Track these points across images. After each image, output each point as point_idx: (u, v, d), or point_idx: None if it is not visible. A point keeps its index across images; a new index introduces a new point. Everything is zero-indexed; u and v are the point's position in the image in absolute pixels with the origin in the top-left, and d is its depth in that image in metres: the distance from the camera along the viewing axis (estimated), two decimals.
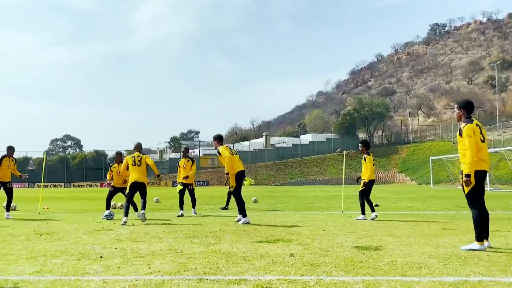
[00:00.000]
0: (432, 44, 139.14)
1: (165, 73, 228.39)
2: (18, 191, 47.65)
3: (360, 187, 10.80)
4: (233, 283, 4.20)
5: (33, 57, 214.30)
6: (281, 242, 6.74)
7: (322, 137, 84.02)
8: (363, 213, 10.49)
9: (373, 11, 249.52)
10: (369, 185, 10.67)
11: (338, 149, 77.04)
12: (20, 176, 12.68)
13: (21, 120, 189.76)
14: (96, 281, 4.31)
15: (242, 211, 9.85)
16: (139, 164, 10.24)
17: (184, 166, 12.71)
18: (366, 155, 10.91)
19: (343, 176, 15.07)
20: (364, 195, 10.66)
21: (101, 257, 5.57)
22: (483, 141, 6.18)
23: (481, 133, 6.17)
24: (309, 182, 69.62)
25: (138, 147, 10.74)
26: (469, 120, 6.20)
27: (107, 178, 12.35)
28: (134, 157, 10.35)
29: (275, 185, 67.65)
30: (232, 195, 10.04)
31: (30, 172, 79.89)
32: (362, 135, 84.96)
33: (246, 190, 39.09)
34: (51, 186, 66.67)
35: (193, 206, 12.60)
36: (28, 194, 34.30)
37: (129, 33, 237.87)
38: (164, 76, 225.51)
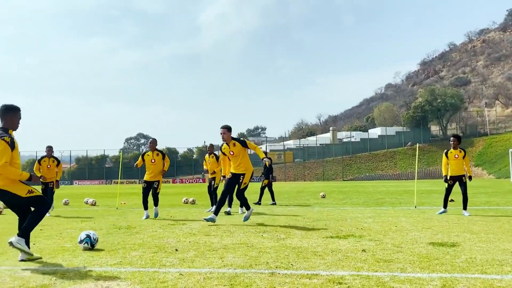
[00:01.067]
0: (509, 30, 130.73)
1: (231, 70, 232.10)
2: (97, 187, 50.40)
3: (467, 182, 10.49)
4: (305, 277, 4.21)
5: (107, 60, 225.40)
6: (352, 238, 6.66)
7: (391, 130, 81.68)
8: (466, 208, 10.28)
9: None
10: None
11: (409, 143, 74.62)
12: (57, 181, 11.92)
13: (98, 120, 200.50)
14: (173, 273, 4.48)
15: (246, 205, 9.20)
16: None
17: (153, 161, 10.81)
18: (462, 150, 10.51)
19: (416, 171, 14.58)
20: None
21: (176, 250, 5.78)
22: None
23: None
24: (378, 177, 68.01)
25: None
26: None
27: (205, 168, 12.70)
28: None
29: (343, 180, 66.71)
30: (239, 194, 9.07)
31: (107, 169, 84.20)
32: (434, 128, 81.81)
33: (315, 186, 38.87)
34: (127, 182, 69.86)
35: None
36: (106, 190, 36.15)
37: (195, 33, 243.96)
38: (230, 73, 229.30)
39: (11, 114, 5.27)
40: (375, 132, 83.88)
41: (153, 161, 10.68)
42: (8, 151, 5.04)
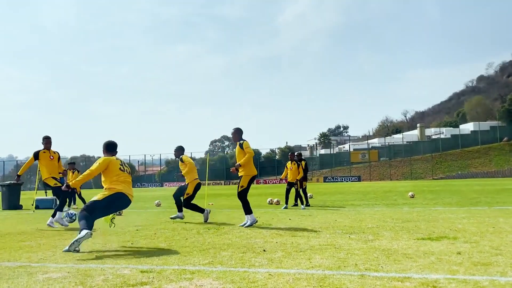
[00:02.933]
0: None
1: (312, 70, 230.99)
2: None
3: None
4: (397, 280, 4.11)
5: (191, 65, 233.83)
6: (446, 240, 6.37)
7: (485, 125, 76.84)
8: None
9: None
10: None
11: (505, 138, 69.74)
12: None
13: (184, 123, 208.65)
14: (262, 273, 4.56)
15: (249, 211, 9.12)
16: None
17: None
18: None
19: None
20: None
21: (264, 250, 5.87)
22: None
23: None
24: (471, 175, 64.26)
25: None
26: None
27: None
28: None
29: (433, 179, 63.81)
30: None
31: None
32: None
33: (403, 185, 37.57)
34: (213, 184, 71.95)
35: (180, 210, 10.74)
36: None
37: (275, 35, 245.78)
38: (311, 73, 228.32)
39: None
40: (467, 128, 79.37)
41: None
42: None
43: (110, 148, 7.27)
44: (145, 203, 19.70)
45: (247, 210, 9.07)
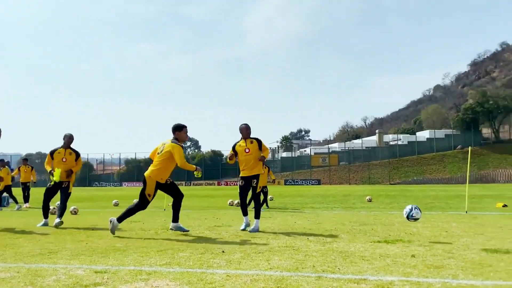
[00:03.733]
0: None
1: (277, 74, 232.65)
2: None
3: None
4: (353, 282, 4.16)
5: (155, 65, 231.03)
6: (401, 243, 6.52)
7: (440, 133, 79.38)
8: None
9: None
10: None
11: (459, 146, 72.29)
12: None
13: (146, 124, 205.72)
14: (220, 274, 4.53)
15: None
16: None
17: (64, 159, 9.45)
18: None
19: (468, 174, 14.11)
20: None
21: (223, 251, 5.84)
22: None
23: None
24: (426, 181, 66.21)
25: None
26: None
27: None
28: None
29: (390, 184, 65.36)
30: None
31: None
32: (486, 131, 78.95)
33: (361, 189, 38.29)
34: (194, 184, 71.11)
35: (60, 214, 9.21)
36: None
37: (241, 38, 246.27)
38: (275, 77, 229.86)
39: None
40: (423, 135, 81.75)
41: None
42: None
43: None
44: (103, 203, 19.28)
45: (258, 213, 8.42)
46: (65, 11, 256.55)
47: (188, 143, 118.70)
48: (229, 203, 16.24)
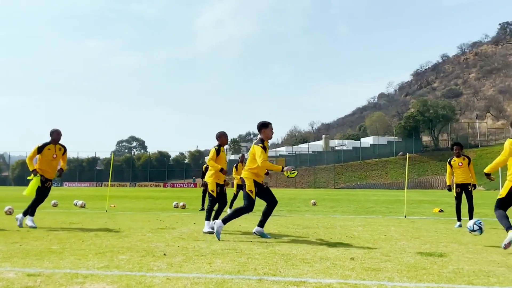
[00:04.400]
0: (502, 44, 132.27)
1: (226, 76, 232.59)
2: (88, 189, 50.14)
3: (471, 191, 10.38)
4: (293, 284, 4.20)
5: (102, 62, 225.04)
6: (341, 246, 6.66)
7: (383, 140, 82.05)
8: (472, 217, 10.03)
9: (438, 10, 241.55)
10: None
11: (401, 153, 74.96)
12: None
13: (90, 122, 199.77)
14: (160, 277, 4.45)
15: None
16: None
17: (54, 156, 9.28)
18: (466, 158, 10.35)
19: (406, 180, 14.65)
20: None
21: (165, 254, 5.74)
22: None
23: None
24: (369, 185, 68.22)
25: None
26: None
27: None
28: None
29: (335, 188, 66.82)
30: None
31: (98, 171, 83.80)
32: (426, 138, 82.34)
33: (307, 193, 38.88)
34: (118, 185, 69.51)
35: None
36: (96, 192, 35.95)
37: (192, 38, 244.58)
38: (224, 79, 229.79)
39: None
40: (367, 141, 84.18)
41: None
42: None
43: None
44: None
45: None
46: (5, 2, 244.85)
47: (134, 143, 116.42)
48: (174, 205, 16.03)
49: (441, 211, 14.50)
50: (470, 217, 9.90)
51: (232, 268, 4.90)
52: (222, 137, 8.94)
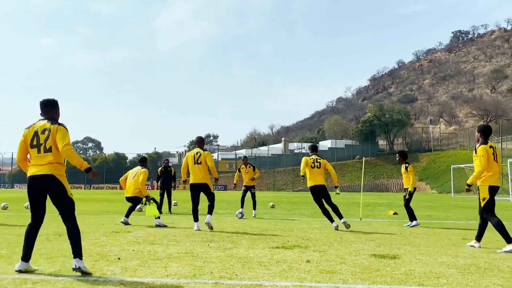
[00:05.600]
0: (454, 52, 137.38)
1: (186, 77, 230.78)
2: None
3: (406, 196, 11.08)
4: (249, 287, 4.21)
5: (57, 60, 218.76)
6: (298, 248, 6.72)
7: (341, 143, 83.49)
8: (415, 219, 10.80)
9: (395, 18, 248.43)
10: (413, 193, 11.03)
11: (358, 156, 76.45)
12: None
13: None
14: (114, 282, 4.36)
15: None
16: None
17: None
18: (406, 165, 11.22)
19: (362, 183, 14.94)
20: (409, 203, 10.99)
21: (119, 258, 5.63)
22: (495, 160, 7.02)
23: (493, 153, 7.00)
24: (327, 188, 69.20)
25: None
26: (485, 141, 7.04)
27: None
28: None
29: (293, 191, 67.44)
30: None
31: None
32: (382, 142, 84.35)
33: (266, 196, 39.05)
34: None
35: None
36: None
37: (151, 38, 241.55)
38: (184, 80, 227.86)
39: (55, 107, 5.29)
40: (325, 145, 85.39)
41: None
42: (68, 136, 5.02)
43: None
44: None
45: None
46: None
47: (90, 144, 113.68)
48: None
49: (395, 213, 14.88)
50: (409, 219, 10.92)
51: (188, 272, 4.86)
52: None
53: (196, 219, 9.33)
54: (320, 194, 9.88)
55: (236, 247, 6.78)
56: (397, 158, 11.59)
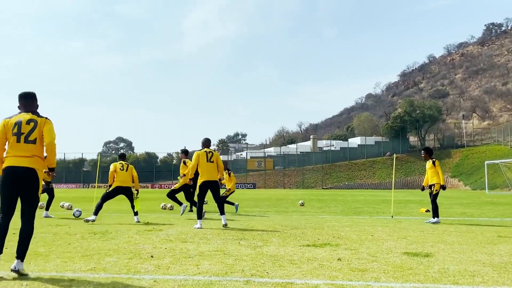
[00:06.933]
0: (487, 45, 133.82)
1: (213, 77, 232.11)
2: (74, 191, 49.65)
3: (433, 191, 11.14)
4: (280, 286, 4.22)
5: (87, 63, 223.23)
6: (328, 246, 6.70)
7: (371, 140, 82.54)
8: (437, 216, 10.80)
9: (425, 11, 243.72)
10: (441, 189, 11.13)
11: (388, 153, 75.47)
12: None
13: (76, 123, 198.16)
14: (147, 279, 4.44)
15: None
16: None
17: None
18: (433, 160, 11.30)
19: (393, 180, 14.77)
20: (436, 198, 11.07)
21: (152, 256, 5.72)
22: None
23: None
24: (357, 186, 68.57)
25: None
26: None
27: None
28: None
29: (322, 188, 67.05)
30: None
31: (85, 173, 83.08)
32: (413, 139, 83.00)
33: (295, 194, 38.98)
34: (104, 186, 68.78)
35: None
36: (83, 194, 35.65)
37: (177, 39, 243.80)
38: (212, 80, 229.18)
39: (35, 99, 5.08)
40: (354, 142, 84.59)
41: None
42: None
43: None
44: None
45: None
46: None
47: (122, 144, 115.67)
48: (162, 207, 15.97)
49: (427, 211, 14.63)
50: (433, 215, 10.90)
51: (219, 270, 4.90)
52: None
53: (201, 216, 9.54)
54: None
55: (267, 245, 6.80)
56: (422, 155, 11.69)
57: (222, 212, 9.63)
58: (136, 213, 10.69)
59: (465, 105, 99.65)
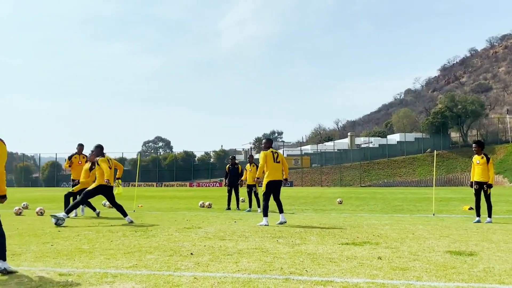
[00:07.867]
0: None
1: (249, 75, 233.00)
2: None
3: (488, 191, 10.51)
4: (319, 284, 4.19)
5: (125, 64, 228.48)
6: (368, 245, 6.60)
7: (410, 137, 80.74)
8: (490, 215, 10.33)
9: (465, 3, 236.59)
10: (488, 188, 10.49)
11: (428, 149, 73.70)
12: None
13: (116, 122, 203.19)
14: (187, 276, 4.50)
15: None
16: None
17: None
18: (487, 157, 10.55)
19: (434, 178, 14.40)
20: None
21: (192, 254, 5.80)
22: None
23: None
24: (396, 183, 67.30)
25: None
26: None
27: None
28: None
29: (361, 186, 66.17)
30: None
31: (125, 172, 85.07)
32: (454, 135, 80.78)
33: (332, 191, 38.64)
34: (144, 185, 70.34)
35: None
36: (124, 192, 36.46)
37: (214, 39, 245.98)
38: (247, 78, 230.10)
39: None
40: (393, 138, 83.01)
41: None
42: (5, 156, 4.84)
43: None
44: None
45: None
46: (27, 7, 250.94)
47: (160, 143, 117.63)
48: (200, 205, 16.14)
49: (471, 208, 14.20)
50: (488, 215, 10.30)
51: (258, 268, 4.92)
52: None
53: (267, 214, 9.65)
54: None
55: (305, 243, 6.77)
56: (474, 149, 10.62)
57: (281, 210, 9.83)
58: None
59: (509, 99, 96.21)
